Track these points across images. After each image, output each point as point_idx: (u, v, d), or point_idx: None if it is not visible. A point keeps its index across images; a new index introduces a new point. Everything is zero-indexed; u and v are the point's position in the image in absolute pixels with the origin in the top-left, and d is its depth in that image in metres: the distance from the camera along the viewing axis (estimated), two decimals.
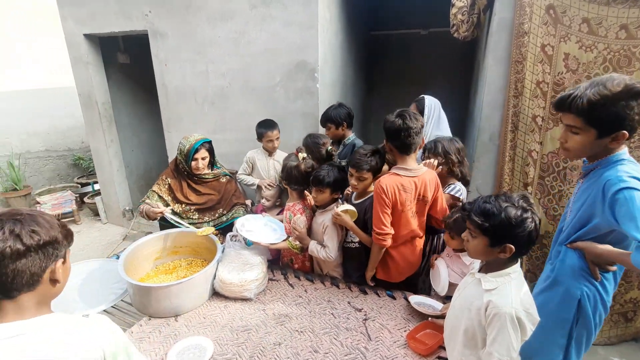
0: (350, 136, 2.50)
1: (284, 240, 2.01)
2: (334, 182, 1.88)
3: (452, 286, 1.81)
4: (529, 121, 2.23)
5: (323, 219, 1.92)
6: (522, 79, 2.17)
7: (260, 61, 2.68)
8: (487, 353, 1.07)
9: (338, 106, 2.40)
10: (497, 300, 1.05)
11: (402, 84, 4.59)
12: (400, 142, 1.70)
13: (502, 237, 1.05)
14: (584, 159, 1.38)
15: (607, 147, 1.26)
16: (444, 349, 1.43)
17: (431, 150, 2.01)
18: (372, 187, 1.89)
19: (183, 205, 2.23)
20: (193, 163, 2.16)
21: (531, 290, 1.20)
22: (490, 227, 1.05)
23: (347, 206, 1.87)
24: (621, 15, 1.92)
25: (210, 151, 2.24)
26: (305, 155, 2.11)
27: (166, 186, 2.24)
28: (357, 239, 1.93)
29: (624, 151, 1.27)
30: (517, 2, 2.07)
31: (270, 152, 2.62)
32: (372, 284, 1.95)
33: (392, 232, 1.77)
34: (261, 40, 2.64)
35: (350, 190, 2.07)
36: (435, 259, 1.89)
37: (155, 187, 2.23)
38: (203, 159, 2.19)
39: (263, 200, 2.61)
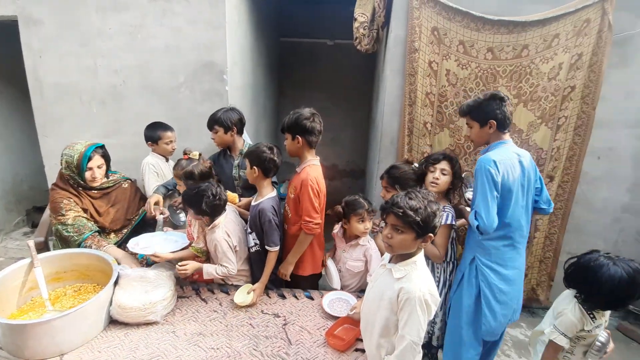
0: (246, 144, 2.33)
1: (186, 247, 1.87)
2: (192, 204, 1.77)
3: (356, 276, 1.97)
4: (421, 127, 2.53)
5: (211, 238, 1.81)
6: (415, 90, 2.45)
7: (162, 59, 2.45)
8: (400, 337, 1.16)
9: (229, 109, 2.19)
10: (407, 286, 1.15)
11: (312, 90, 4.75)
12: (316, 138, 1.87)
13: (427, 229, 1.16)
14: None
15: (488, 134, 1.75)
16: (362, 341, 1.52)
17: (447, 157, 1.89)
18: (267, 191, 1.89)
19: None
20: (88, 174, 1.85)
21: None
22: (420, 221, 1.14)
23: (241, 296, 1.79)
24: (488, 40, 2.33)
25: (106, 157, 1.95)
26: (197, 153, 1.99)
27: (77, 207, 1.87)
28: (252, 243, 1.91)
29: (504, 140, 1.74)
30: (409, 22, 2.34)
31: (167, 156, 2.42)
32: (289, 279, 1.97)
33: (321, 220, 1.87)
34: (162, 36, 2.42)
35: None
36: (327, 259, 2.03)
37: (70, 214, 1.83)
38: (99, 167, 1.89)
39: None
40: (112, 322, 1.63)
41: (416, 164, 1.94)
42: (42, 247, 2.07)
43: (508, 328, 2.74)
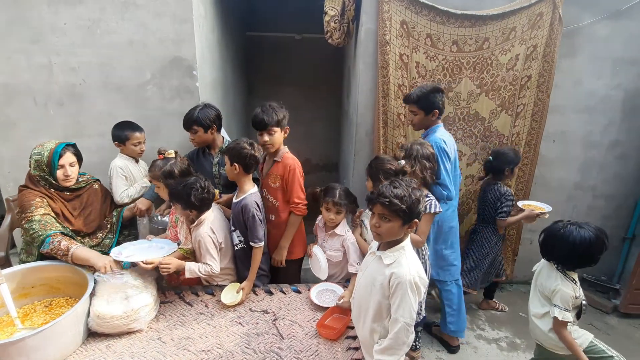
0: (225, 141, 2.32)
1: (175, 251, 1.81)
2: (181, 199, 1.73)
3: (337, 266, 2.00)
4: (395, 118, 2.61)
5: (196, 235, 1.79)
6: (387, 82, 2.51)
7: (125, 55, 2.31)
8: (393, 320, 1.20)
9: (205, 107, 2.12)
10: (398, 271, 1.20)
11: (281, 85, 4.70)
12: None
13: (412, 215, 1.20)
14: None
15: (430, 121, 2.12)
16: (352, 328, 1.56)
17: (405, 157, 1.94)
18: (248, 187, 1.89)
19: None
20: (60, 172, 1.74)
21: None
22: (406, 209, 1.18)
23: (229, 296, 1.78)
24: (453, 33, 2.44)
25: (78, 156, 1.85)
26: (173, 152, 1.94)
27: (49, 208, 1.73)
28: (237, 241, 1.90)
29: (439, 125, 2.14)
30: (379, 16, 2.39)
31: (137, 157, 2.32)
32: (284, 265, 2.05)
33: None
34: (125, 31, 2.28)
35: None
36: (312, 248, 2.05)
37: (39, 211, 1.68)
38: (71, 165, 1.78)
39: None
40: (92, 334, 1.55)
41: (402, 161, 1.99)
42: (4, 262, 1.91)
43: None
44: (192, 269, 1.74)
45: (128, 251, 1.73)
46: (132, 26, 2.28)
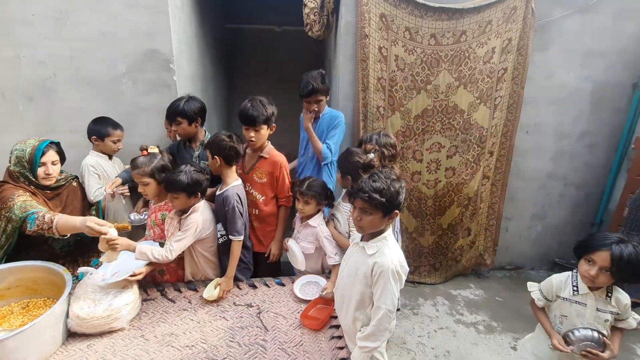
0: (207, 135, 2.28)
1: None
2: (188, 185, 1.71)
3: (310, 258, 2.00)
4: (375, 111, 2.63)
5: (186, 218, 1.77)
6: (367, 75, 2.53)
7: (97, 47, 2.23)
8: (376, 307, 1.24)
9: (190, 99, 2.09)
10: (380, 260, 1.23)
11: (261, 78, 4.64)
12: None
13: (392, 207, 1.23)
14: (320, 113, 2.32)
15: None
16: (335, 318, 1.59)
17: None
18: (231, 179, 1.89)
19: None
20: (41, 170, 1.71)
21: None
22: (385, 202, 1.20)
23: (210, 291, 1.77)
24: (431, 26, 2.47)
25: (61, 155, 1.82)
26: (156, 147, 1.91)
27: (31, 199, 1.69)
28: (219, 234, 1.90)
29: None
30: (358, 8, 2.39)
31: (111, 154, 2.28)
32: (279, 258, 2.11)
33: None
34: (95, 23, 2.19)
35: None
36: (287, 242, 2.04)
37: (21, 198, 1.62)
38: (54, 163, 1.75)
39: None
40: (72, 334, 1.52)
41: (371, 154, 1.99)
42: None
43: (460, 290, 3.05)
44: (143, 251, 1.64)
45: (111, 268, 1.69)
46: (103, 17, 2.20)
